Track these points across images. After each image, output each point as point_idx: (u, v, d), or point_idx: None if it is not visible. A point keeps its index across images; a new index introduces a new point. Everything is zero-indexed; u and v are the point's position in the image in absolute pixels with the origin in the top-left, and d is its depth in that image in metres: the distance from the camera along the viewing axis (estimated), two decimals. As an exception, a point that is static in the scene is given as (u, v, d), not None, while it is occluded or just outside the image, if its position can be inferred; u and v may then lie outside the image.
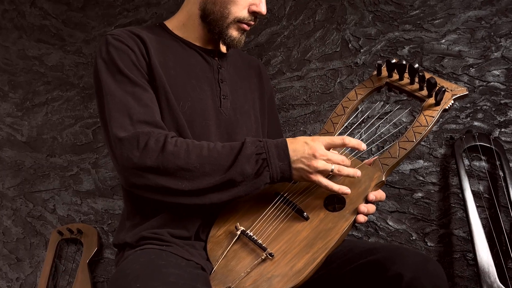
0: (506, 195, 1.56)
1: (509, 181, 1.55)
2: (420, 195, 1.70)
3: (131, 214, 1.08)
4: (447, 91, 1.04)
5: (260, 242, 0.95)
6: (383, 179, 0.98)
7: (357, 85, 1.30)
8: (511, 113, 1.64)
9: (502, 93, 1.66)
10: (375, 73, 1.14)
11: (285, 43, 1.91)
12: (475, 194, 1.62)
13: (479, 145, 1.62)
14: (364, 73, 1.79)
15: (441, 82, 1.07)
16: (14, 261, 2.08)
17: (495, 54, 1.68)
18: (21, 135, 2.15)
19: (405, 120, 1.72)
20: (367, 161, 1.05)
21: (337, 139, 0.96)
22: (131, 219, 1.07)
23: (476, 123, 1.67)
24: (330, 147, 0.96)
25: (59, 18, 2.19)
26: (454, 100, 1.04)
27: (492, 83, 1.67)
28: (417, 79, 1.07)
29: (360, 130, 1.50)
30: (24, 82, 2.18)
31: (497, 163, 1.61)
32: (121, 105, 0.98)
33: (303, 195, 1.01)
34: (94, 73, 1.06)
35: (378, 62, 1.11)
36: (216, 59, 1.20)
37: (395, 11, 1.79)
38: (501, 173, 1.60)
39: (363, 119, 1.72)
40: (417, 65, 1.03)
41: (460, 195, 1.66)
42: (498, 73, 1.67)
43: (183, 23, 1.18)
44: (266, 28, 1.93)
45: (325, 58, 1.85)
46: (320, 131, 1.12)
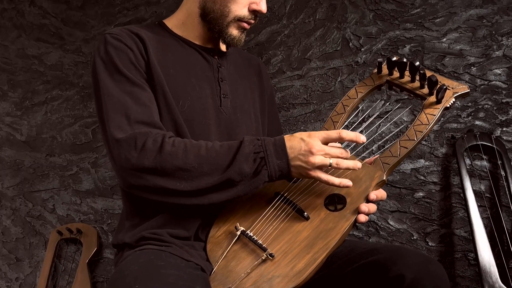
0: (507, 195, 1.55)
1: (510, 181, 1.55)
2: (421, 194, 1.69)
3: (130, 214, 1.07)
4: (449, 89, 1.03)
5: (260, 242, 0.94)
6: (384, 178, 0.98)
7: (357, 83, 1.29)
8: (513, 112, 1.64)
9: (503, 92, 1.65)
10: (375, 71, 1.14)
11: (285, 42, 1.90)
12: (477, 193, 1.61)
13: (481, 144, 1.61)
14: (364, 72, 1.78)
15: (443, 80, 1.06)
16: (13, 261, 2.07)
17: (497, 52, 1.67)
18: (21, 134, 2.14)
19: (406, 119, 1.72)
20: (368, 160, 1.04)
21: (333, 133, 0.94)
22: (130, 219, 1.06)
23: (477, 122, 1.66)
24: (327, 142, 0.95)
25: (59, 17, 2.18)
26: (455, 98, 1.03)
27: (493, 82, 1.66)
28: (418, 77, 1.06)
29: (360, 129, 1.49)
30: (23, 81, 2.17)
31: (499, 162, 1.60)
32: (119, 105, 0.97)
33: (304, 195, 1.00)
34: (92, 72, 1.05)
35: (378, 60, 1.10)
36: (216, 57, 1.19)
37: (396, 9, 1.78)
38: (502, 173, 1.60)
39: (364, 118, 1.71)
40: (418, 63, 1.02)
41: (461, 195, 1.65)
42: (499, 72, 1.66)
43: (182, 22, 1.17)
44: (266, 26, 1.92)
45: (326, 57, 1.85)
46: (320, 130, 1.11)
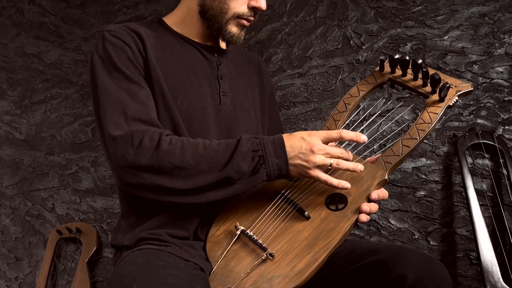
0: (509, 193, 1.54)
1: (513, 179, 1.54)
2: (422, 193, 1.68)
3: (127, 213, 1.06)
4: (452, 87, 1.02)
5: (260, 242, 0.93)
6: (385, 178, 0.96)
7: (358, 81, 1.28)
8: (515, 111, 1.63)
9: (506, 90, 1.64)
10: (377, 69, 1.12)
11: (286, 40, 1.89)
12: (479, 192, 1.60)
13: (483, 143, 1.60)
14: (366, 70, 1.77)
15: (445, 78, 1.05)
16: (13, 260, 2.07)
17: (499, 50, 1.66)
18: (20, 133, 2.13)
19: (407, 117, 1.70)
20: (369, 159, 1.03)
21: (333, 133, 0.94)
22: (127, 219, 1.06)
23: (479, 121, 1.65)
24: (327, 141, 0.95)
25: (58, 15, 2.17)
26: (458, 96, 1.02)
27: (495, 80, 1.65)
28: (420, 75, 1.05)
29: (362, 127, 1.48)
30: (22, 79, 2.16)
31: (501, 161, 1.59)
32: (116, 102, 0.96)
33: (304, 194, 0.99)
34: (90, 69, 1.04)
35: (381, 57, 1.09)
36: (215, 55, 1.18)
37: (397, 7, 1.77)
38: (504, 171, 1.59)
39: (365, 116, 1.70)
40: (420, 61, 1.01)
41: (463, 194, 1.64)
42: (501, 70, 1.65)
43: (181, 19, 1.16)
44: (266, 24, 1.91)
45: (327, 55, 1.83)
46: (321, 129, 1.10)
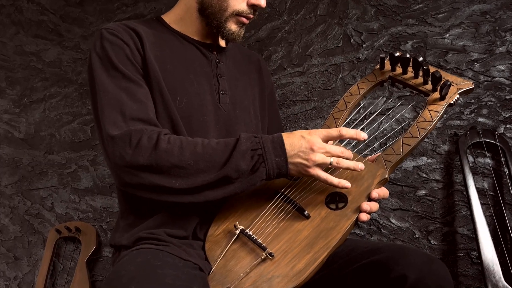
0: (511, 192, 1.53)
1: (514, 178, 1.53)
2: (423, 192, 1.67)
3: (126, 213, 1.06)
4: (453, 85, 1.02)
5: (259, 241, 0.93)
6: (386, 176, 0.96)
7: (359, 80, 1.27)
8: (517, 109, 1.62)
9: (507, 89, 1.63)
10: (378, 67, 1.12)
11: (286, 38, 1.88)
12: (480, 191, 1.59)
13: (484, 141, 1.59)
14: (366, 68, 1.76)
15: (446, 75, 1.05)
16: (12, 259, 2.06)
17: (500, 48, 1.65)
18: (19, 132, 2.13)
19: (408, 116, 1.69)
20: (369, 157, 1.02)
21: (333, 131, 0.94)
22: (125, 218, 1.05)
23: (480, 119, 1.64)
24: (327, 140, 0.94)
25: (57, 13, 2.16)
26: (459, 94, 1.01)
27: (497, 78, 1.64)
28: (421, 73, 1.04)
29: (362, 126, 1.47)
30: (21, 78, 2.15)
31: (502, 159, 1.58)
32: (114, 101, 0.95)
33: (304, 193, 0.98)
34: (88, 68, 1.04)
35: (381, 55, 1.08)
36: (214, 53, 1.17)
37: (398, 5, 1.76)
38: (506, 170, 1.58)
39: (366, 115, 1.69)
40: (421, 58, 1.00)
41: (464, 193, 1.63)
42: (503, 68, 1.64)
43: (180, 17, 1.15)
44: (266, 23, 1.90)
45: (327, 53, 1.82)
46: (321, 127, 1.09)
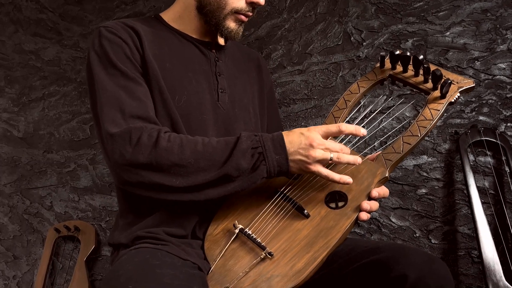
0: (512, 191, 1.53)
1: (515, 177, 1.52)
2: (424, 191, 1.67)
3: (125, 212, 1.05)
4: (453, 84, 1.01)
5: (259, 240, 0.92)
6: (386, 175, 0.95)
7: (359, 78, 1.26)
8: (518, 107, 1.61)
9: (508, 87, 1.62)
10: (378, 65, 1.11)
11: (286, 36, 1.87)
12: (480, 190, 1.59)
13: (485, 140, 1.59)
14: (366, 66, 1.75)
15: (447, 74, 1.04)
16: (11, 258, 2.06)
17: (501, 47, 1.64)
18: (18, 130, 2.12)
19: (408, 114, 1.69)
20: (370, 156, 1.02)
21: (332, 127, 0.93)
22: (124, 217, 1.04)
23: (481, 118, 1.64)
24: (327, 136, 0.94)
25: (56, 11, 2.15)
26: (460, 92, 1.00)
27: (498, 77, 1.63)
28: (421, 71, 1.03)
29: (362, 124, 1.47)
30: (20, 77, 2.15)
31: (503, 158, 1.58)
32: (113, 99, 0.95)
33: (304, 192, 0.98)
34: (86, 66, 1.03)
35: (381, 53, 1.08)
36: (213, 51, 1.16)
37: (399, 3, 1.75)
38: (507, 169, 1.57)
39: (366, 113, 1.68)
40: (421, 57, 0.99)
41: (465, 191, 1.62)
42: (504, 66, 1.63)
43: (179, 15, 1.15)
44: (266, 21, 1.89)
45: (327, 51, 1.82)
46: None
